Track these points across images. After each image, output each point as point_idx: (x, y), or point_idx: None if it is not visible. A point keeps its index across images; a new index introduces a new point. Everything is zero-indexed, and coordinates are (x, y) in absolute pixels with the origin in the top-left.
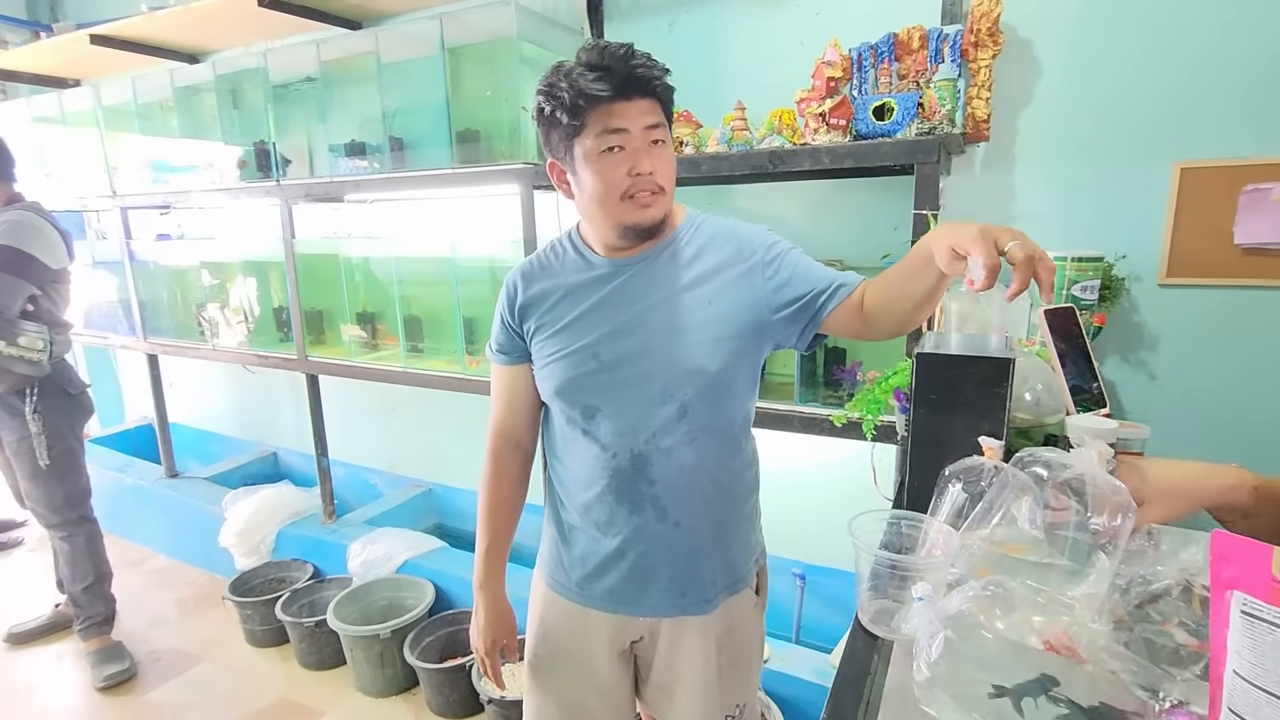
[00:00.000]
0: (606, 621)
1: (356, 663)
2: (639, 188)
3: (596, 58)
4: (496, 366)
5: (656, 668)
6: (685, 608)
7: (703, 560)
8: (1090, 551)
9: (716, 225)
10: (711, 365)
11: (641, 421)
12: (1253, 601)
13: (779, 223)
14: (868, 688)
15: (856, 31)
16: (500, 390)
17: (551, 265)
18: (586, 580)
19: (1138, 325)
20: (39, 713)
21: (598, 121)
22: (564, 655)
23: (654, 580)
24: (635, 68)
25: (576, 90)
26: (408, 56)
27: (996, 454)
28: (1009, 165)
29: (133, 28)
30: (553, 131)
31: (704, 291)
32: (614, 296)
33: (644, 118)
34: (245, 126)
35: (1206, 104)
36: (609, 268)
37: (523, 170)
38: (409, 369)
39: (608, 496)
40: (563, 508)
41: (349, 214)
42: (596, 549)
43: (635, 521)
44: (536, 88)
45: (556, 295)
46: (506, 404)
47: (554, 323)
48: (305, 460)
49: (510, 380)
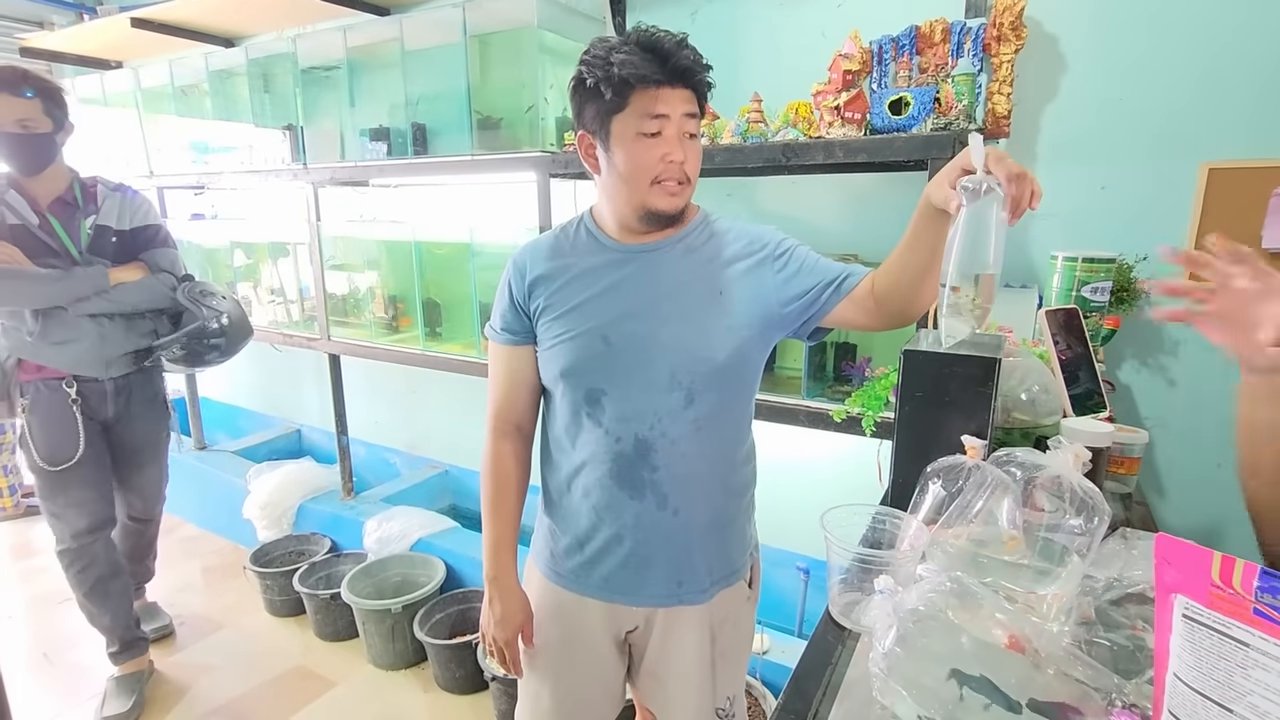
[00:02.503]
0: (602, 610)
1: (368, 636)
2: (669, 175)
3: (649, 41)
4: (498, 347)
5: (650, 656)
6: (681, 597)
7: (699, 550)
8: (1063, 553)
9: (729, 222)
10: (720, 354)
11: (647, 406)
12: (1193, 605)
13: (794, 216)
14: (828, 675)
15: (879, 23)
16: (501, 372)
17: (562, 246)
18: (583, 568)
19: (1157, 329)
20: (71, 667)
21: (641, 103)
22: (559, 643)
23: (650, 569)
24: (686, 57)
25: (628, 69)
26: (432, 44)
27: (979, 453)
28: (1029, 162)
29: (172, 11)
30: (590, 104)
31: (716, 282)
32: (626, 281)
33: (684, 106)
34: (276, 110)
35: (1236, 103)
36: (622, 253)
37: (540, 158)
38: (427, 351)
39: (608, 481)
40: (560, 493)
41: (374, 198)
42: (594, 535)
43: (635, 508)
44: (580, 59)
45: (566, 276)
46: (508, 386)
47: (562, 304)
48: (328, 438)
49: (513, 361)
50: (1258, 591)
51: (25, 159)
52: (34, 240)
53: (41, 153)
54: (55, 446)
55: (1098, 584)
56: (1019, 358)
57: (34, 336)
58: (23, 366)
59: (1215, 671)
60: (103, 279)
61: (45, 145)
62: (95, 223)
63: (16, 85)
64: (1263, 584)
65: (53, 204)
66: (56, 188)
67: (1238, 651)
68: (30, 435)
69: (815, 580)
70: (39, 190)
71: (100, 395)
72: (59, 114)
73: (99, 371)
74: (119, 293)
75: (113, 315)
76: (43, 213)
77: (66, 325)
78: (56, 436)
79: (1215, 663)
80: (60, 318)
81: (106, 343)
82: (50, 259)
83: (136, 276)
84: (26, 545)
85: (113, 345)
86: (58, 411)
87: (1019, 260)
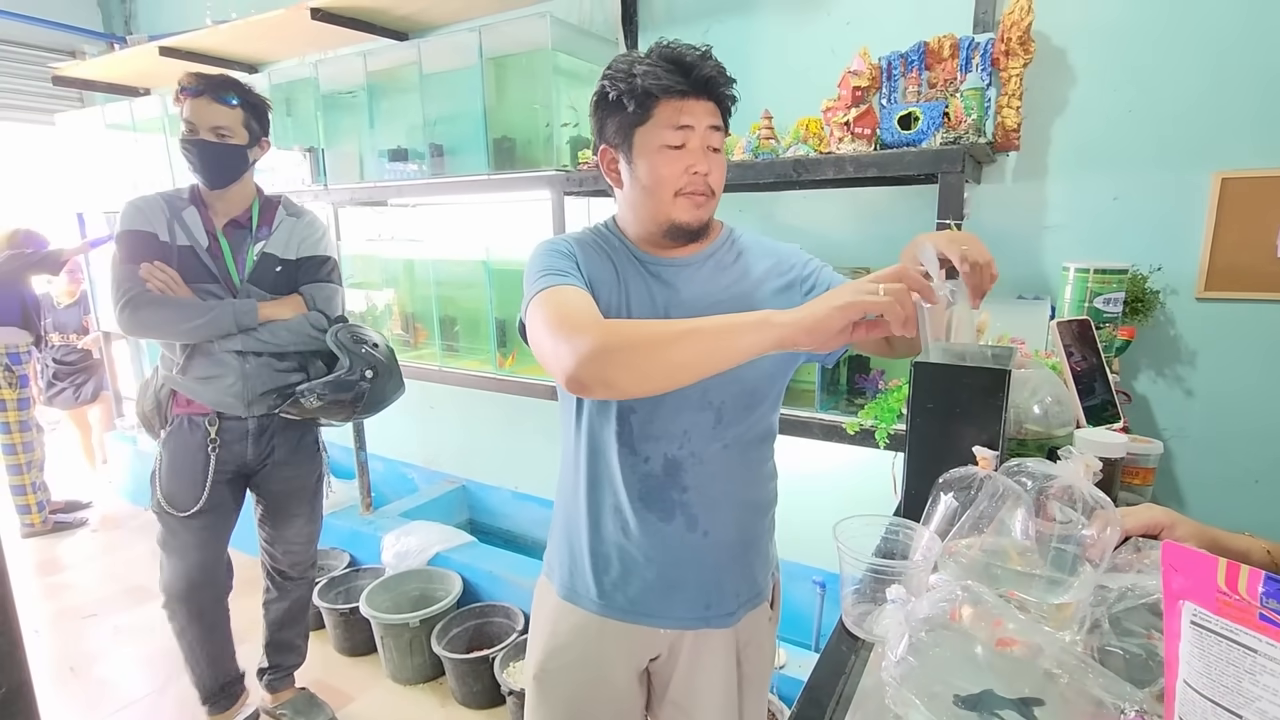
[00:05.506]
0: (626, 634)
1: (386, 650)
2: (693, 187)
3: (672, 54)
4: (577, 289)
5: (675, 684)
6: (709, 620)
7: (727, 572)
8: (1075, 562)
9: (753, 238)
10: (750, 373)
11: (677, 426)
12: (1201, 612)
13: (806, 230)
14: (842, 685)
15: (887, 40)
16: (586, 300)
17: (602, 245)
18: (607, 591)
19: (1174, 339)
20: (97, 681)
21: (666, 115)
22: (577, 669)
23: (678, 591)
24: (710, 69)
25: (651, 80)
26: (449, 67)
27: (990, 464)
28: (1041, 174)
29: (198, 40)
30: (613, 118)
31: (747, 301)
32: (657, 295)
33: (708, 118)
34: (298, 132)
35: (1248, 112)
36: (654, 265)
37: (555, 176)
38: (444, 368)
39: (637, 503)
40: (584, 513)
41: (392, 217)
42: (620, 557)
43: (664, 530)
44: (602, 74)
45: (610, 276)
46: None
47: (605, 305)
48: (346, 454)
49: (594, 304)
50: (1263, 597)
51: (214, 170)
52: (198, 263)
53: (231, 165)
54: (177, 489)
55: (1110, 593)
56: (1031, 369)
57: (179, 370)
58: (175, 399)
59: (1224, 678)
60: (249, 316)
61: (237, 158)
62: (263, 249)
63: (222, 91)
64: (1268, 589)
65: (227, 225)
66: (235, 207)
67: (1246, 657)
68: (159, 471)
69: (831, 594)
70: (219, 208)
71: (241, 435)
72: (257, 129)
73: (240, 410)
74: (265, 331)
75: (260, 353)
76: (215, 234)
77: (211, 360)
78: (180, 479)
79: (1224, 669)
80: (206, 351)
81: (249, 380)
82: (210, 284)
83: (287, 314)
84: (54, 561)
85: (255, 383)
86: (190, 453)
87: (1031, 271)
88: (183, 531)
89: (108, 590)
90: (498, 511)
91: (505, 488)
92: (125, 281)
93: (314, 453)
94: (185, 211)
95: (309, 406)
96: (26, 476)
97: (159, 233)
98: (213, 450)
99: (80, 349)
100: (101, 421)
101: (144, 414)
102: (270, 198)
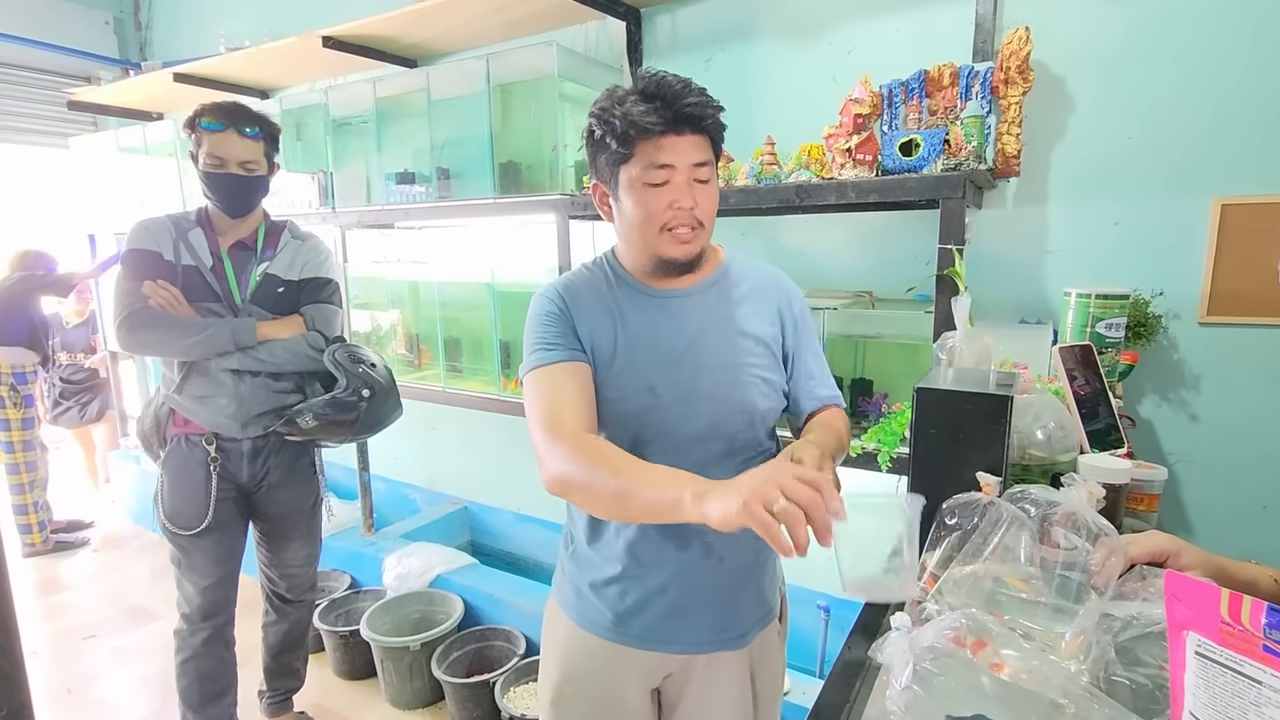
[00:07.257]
0: (639, 659)
1: (386, 673)
2: (679, 221)
3: (653, 88)
4: (563, 365)
5: (687, 706)
6: (723, 643)
7: (740, 595)
8: (1080, 590)
9: (754, 264)
10: (761, 403)
11: (690, 455)
12: (1205, 643)
13: (808, 253)
14: (847, 713)
15: (888, 68)
16: (569, 387)
17: (598, 284)
18: (621, 618)
19: (1177, 364)
20: (94, 703)
21: (646, 153)
22: (590, 694)
23: (692, 617)
24: (688, 103)
25: (628, 120)
26: (457, 93)
27: (994, 490)
28: (1041, 200)
29: (212, 66)
30: (600, 154)
31: (751, 330)
32: (663, 327)
33: (692, 154)
34: (307, 156)
35: (1248, 138)
36: (657, 297)
37: (560, 200)
38: (448, 389)
39: (652, 532)
40: (597, 541)
41: (399, 239)
42: (635, 586)
43: (680, 558)
44: (590, 110)
45: (606, 320)
46: (582, 403)
47: (606, 345)
48: (348, 474)
49: (579, 375)
50: (1266, 628)
51: (240, 201)
52: (201, 282)
53: (255, 195)
54: (180, 508)
55: (1116, 622)
56: (1034, 395)
57: (175, 388)
58: (173, 418)
59: (1229, 709)
60: (248, 334)
61: (260, 188)
62: (266, 270)
63: (246, 125)
64: (1270, 620)
65: (232, 246)
66: (243, 230)
67: (1251, 689)
68: (161, 490)
69: (836, 619)
70: (226, 230)
71: (238, 456)
72: (273, 154)
73: (235, 431)
74: (263, 350)
75: (257, 372)
76: (219, 254)
77: (207, 379)
78: (183, 498)
79: (1229, 700)
80: (203, 369)
81: (243, 401)
82: (212, 303)
83: (286, 334)
84: (54, 581)
85: (251, 404)
86: (191, 470)
87: (1033, 296)
88: (195, 550)
89: (107, 611)
90: (500, 533)
91: (507, 509)
92: (127, 298)
93: (310, 475)
94: (191, 233)
95: (306, 426)
96: (29, 496)
97: (164, 252)
98: (214, 468)
99: (87, 368)
100: (106, 440)
101: (144, 433)
102: (276, 221)
